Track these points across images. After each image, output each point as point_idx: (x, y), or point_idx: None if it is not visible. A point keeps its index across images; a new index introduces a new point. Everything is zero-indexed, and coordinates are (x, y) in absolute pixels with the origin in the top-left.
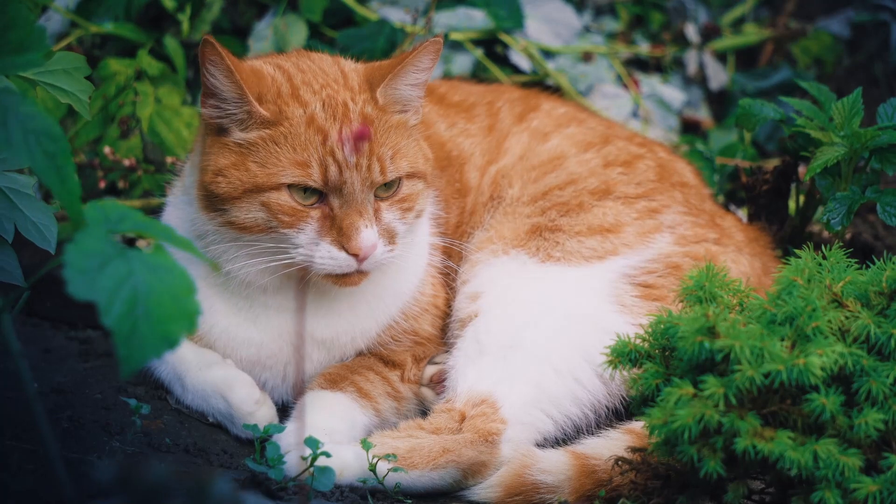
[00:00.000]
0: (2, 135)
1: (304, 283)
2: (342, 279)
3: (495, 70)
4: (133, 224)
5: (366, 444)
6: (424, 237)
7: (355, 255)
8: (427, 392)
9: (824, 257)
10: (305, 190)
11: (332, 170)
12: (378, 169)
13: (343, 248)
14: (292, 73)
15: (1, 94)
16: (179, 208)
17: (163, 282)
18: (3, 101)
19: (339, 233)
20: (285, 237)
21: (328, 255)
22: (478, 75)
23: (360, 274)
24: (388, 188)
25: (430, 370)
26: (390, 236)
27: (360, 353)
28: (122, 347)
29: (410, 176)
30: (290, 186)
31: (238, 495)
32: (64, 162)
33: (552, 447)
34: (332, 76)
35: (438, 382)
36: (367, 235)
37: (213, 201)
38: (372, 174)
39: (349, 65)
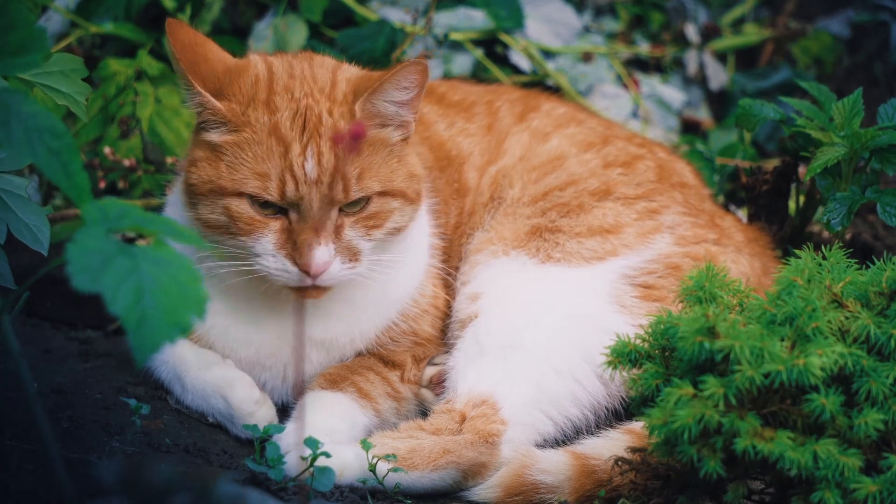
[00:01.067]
0: (3, 134)
1: None
2: (300, 292)
3: (495, 70)
4: (133, 220)
5: (366, 445)
6: (424, 238)
7: (306, 272)
8: (427, 393)
9: (824, 257)
10: (264, 202)
11: (290, 186)
12: (341, 188)
13: (296, 263)
14: (277, 77)
15: (2, 94)
16: (176, 207)
17: (167, 273)
18: (5, 101)
19: (293, 247)
20: (243, 244)
21: (282, 268)
22: (478, 75)
23: (318, 289)
24: (354, 205)
25: (430, 371)
26: (352, 254)
27: (359, 354)
28: (134, 335)
29: (383, 194)
30: (250, 196)
31: (243, 493)
32: (70, 158)
33: (552, 448)
34: (320, 84)
35: (438, 383)
36: (320, 254)
37: (188, 194)
38: (333, 192)
39: (346, 73)
